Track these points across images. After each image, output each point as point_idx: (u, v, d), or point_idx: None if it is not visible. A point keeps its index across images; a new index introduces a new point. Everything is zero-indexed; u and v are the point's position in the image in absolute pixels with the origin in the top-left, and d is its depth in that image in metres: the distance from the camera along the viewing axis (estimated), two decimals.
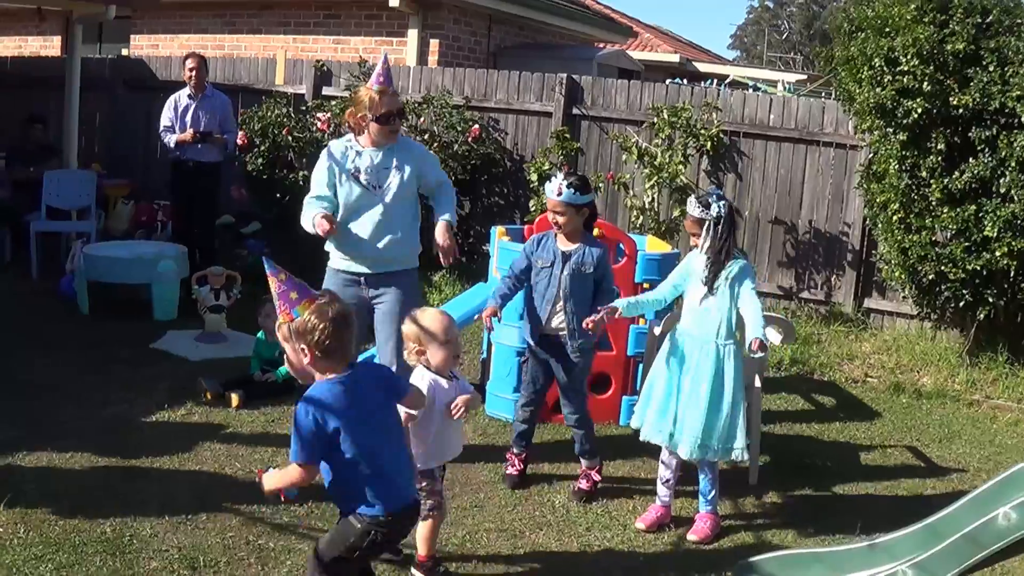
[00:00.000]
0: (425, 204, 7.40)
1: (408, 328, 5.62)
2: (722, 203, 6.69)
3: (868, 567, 6.37)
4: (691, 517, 6.95)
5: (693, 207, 6.71)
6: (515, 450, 7.56)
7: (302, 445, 4.52)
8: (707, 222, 6.64)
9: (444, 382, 5.63)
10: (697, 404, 6.62)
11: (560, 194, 6.96)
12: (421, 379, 5.55)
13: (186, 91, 12.75)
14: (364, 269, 7.23)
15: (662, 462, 6.98)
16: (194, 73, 12.69)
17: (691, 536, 6.72)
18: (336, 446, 4.52)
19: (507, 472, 7.53)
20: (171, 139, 12.66)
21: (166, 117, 12.71)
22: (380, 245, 7.14)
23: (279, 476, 4.66)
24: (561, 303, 7.17)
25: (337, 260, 7.34)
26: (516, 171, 14.17)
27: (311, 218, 6.97)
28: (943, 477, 8.27)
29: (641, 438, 6.94)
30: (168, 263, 11.48)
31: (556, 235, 7.21)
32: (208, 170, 12.83)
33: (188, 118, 12.61)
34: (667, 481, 6.95)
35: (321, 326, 4.48)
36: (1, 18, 22.17)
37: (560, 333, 7.24)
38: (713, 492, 6.87)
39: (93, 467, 7.17)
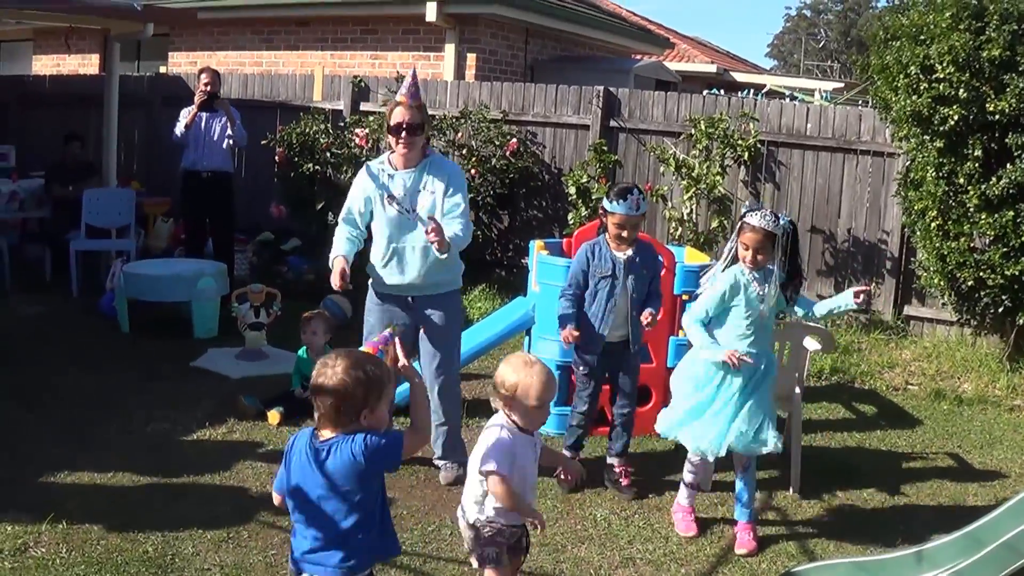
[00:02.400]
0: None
1: (503, 374, 5.06)
2: (784, 216, 6.67)
3: None
4: (726, 520, 7.04)
5: (766, 221, 6.50)
6: (569, 455, 7.65)
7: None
8: (778, 237, 6.54)
9: (523, 436, 5.09)
10: (762, 411, 6.70)
11: (639, 208, 7.11)
12: (495, 434, 5.03)
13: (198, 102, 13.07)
14: (411, 293, 7.33)
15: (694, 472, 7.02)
16: (208, 87, 13.01)
17: (739, 550, 6.70)
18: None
19: (562, 478, 7.52)
20: (181, 125, 12.97)
21: (178, 126, 13.06)
22: (424, 270, 7.22)
23: None
24: (627, 310, 7.36)
25: (379, 283, 7.47)
26: (554, 184, 14.17)
27: (331, 259, 7.18)
28: (985, 483, 8.24)
29: (697, 450, 6.89)
30: (208, 280, 11.52)
31: (606, 243, 7.28)
32: (220, 181, 13.08)
33: (201, 125, 12.97)
34: (692, 484, 7.01)
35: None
36: (39, 37, 22.36)
37: (622, 339, 7.46)
38: (753, 503, 6.86)
39: (135, 485, 7.22)
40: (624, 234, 7.19)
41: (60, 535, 6.27)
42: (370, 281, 7.55)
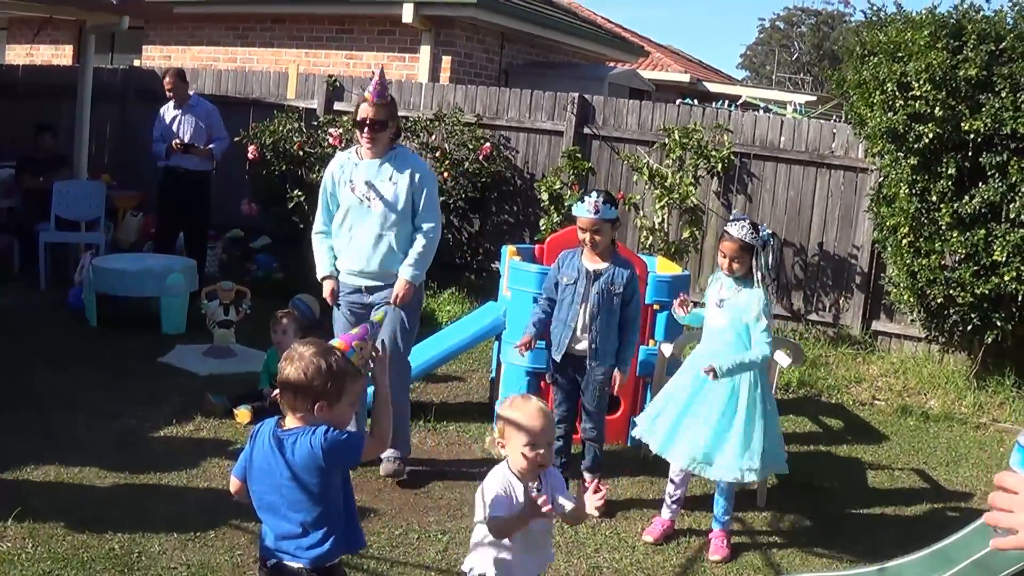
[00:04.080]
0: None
1: (498, 410, 4.85)
2: (765, 229, 6.79)
3: None
4: (692, 531, 7.07)
5: (743, 232, 6.65)
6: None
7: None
8: (756, 248, 6.67)
9: (519, 488, 4.64)
10: (750, 426, 6.71)
11: (598, 211, 7.02)
12: (497, 482, 4.66)
13: (172, 103, 13.02)
14: (363, 282, 7.39)
15: (672, 480, 7.01)
16: (171, 91, 12.96)
17: (713, 556, 6.74)
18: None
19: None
20: (160, 149, 12.90)
21: (156, 129, 12.98)
22: (376, 258, 7.35)
23: None
24: (584, 321, 7.19)
25: (341, 273, 7.57)
26: (527, 189, 14.18)
27: (320, 278, 7.53)
28: (950, 500, 8.29)
29: (683, 467, 6.86)
30: (177, 276, 11.47)
31: (583, 252, 7.23)
32: (197, 179, 12.98)
33: (174, 128, 12.88)
34: (675, 499, 7.00)
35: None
36: (12, 26, 22.24)
37: (583, 351, 7.26)
38: (727, 513, 6.90)
39: (102, 482, 7.17)
40: (585, 238, 7.16)
41: (26, 531, 6.22)
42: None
